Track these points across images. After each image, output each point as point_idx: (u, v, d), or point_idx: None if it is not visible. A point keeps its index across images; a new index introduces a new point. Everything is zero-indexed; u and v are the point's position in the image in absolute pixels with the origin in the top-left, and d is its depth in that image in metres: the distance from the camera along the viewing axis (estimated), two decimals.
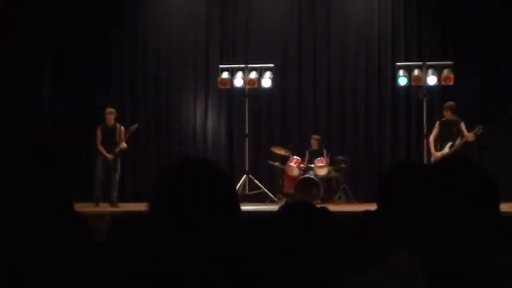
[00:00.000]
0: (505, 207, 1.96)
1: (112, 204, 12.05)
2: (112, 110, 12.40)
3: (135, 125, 12.35)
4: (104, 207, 11.75)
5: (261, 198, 13.14)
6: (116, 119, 12.41)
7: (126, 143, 12.27)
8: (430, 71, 12.90)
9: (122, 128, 12.35)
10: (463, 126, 11.90)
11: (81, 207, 10.89)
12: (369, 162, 13.85)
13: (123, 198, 12.76)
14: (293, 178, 12.98)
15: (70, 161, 13.65)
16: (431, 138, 12.20)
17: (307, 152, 13.36)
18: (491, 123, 12.66)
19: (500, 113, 13.21)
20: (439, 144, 12.08)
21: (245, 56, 14.14)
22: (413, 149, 13.62)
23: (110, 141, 12.22)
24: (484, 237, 1.78)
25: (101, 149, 12.21)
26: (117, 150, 12.17)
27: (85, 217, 1.91)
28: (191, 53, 14.49)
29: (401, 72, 13.05)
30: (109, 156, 12.13)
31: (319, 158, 13.08)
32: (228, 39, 14.56)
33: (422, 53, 13.80)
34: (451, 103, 12.06)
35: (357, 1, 14.30)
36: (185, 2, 14.68)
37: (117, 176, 12.27)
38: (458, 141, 11.86)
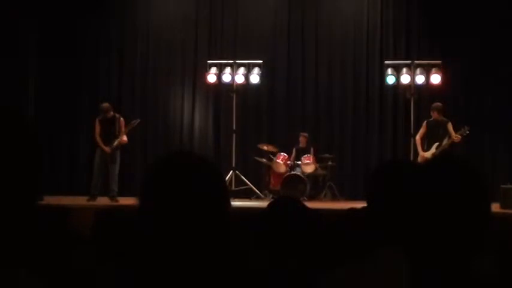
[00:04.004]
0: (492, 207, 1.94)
1: (112, 198, 11.61)
2: (106, 104, 11.94)
3: (136, 120, 12.03)
4: (100, 201, 11.42)
5: (247, 194, 13.14)
6: (114, 111, 12.02)
7: (126, 136, 11.91)
8: (418, 70, 12.93)
9: (122, 119, 11.95)
10: (450, 126, 11.91)
11: (69, 201, 10.86)
12: (355, 160, 13.88)
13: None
14: (280, 175, 12.99)
15: (56, 154, 13.67)
16: (418, 138, 12.20)
17: (294, 149, 13.36)
18: (478, 123, 12.70)
19: (487, 112, 13.26)
20: (426, 144, 12.08)
21: (233, 52, 14.11)
22: (400, 148, 13.65)
23: (109, 132, 11.76)
24: (473, 236, 1.78)
25: (99, 141, 11.77)
26: (115, 143, 11.73)
27: (66, 211, 1.88)
28: (179, 49, 14.46)
29: (389, 70, 13.06)
30: (106, 149, 11.69)
31: (306, 155, 13.08)
32: (217, 35, 14.52)
33: (410, 52, 13.83)
34: (437, 104, 12.04)
35: None
36: None
37: (116, 167, 11.79)
38: (445, 142, 11.88)
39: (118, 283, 1.70)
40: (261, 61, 13.54)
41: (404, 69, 12.96)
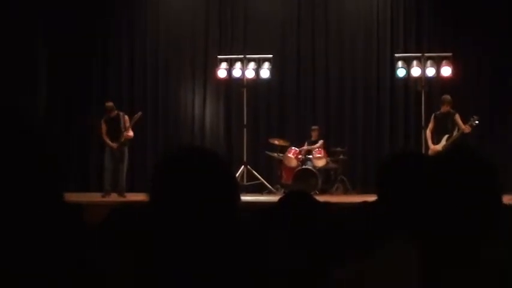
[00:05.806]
0: (505, 198, 1.94)
1: (120, 194, 11.93)
2: (110, 104, 12.30)
3: (139, 114, 12.34)
4: (112, 198, 11.64)
5: (259, 189, 13.14)
6: (117, 109, 12.36)
7: (132, 131, 12.22)
8: (428, 62, 12.88)
9: (126, 116, 12.28)
10: (458, 118, 11.86)
11: (80, 197, 10.90)
12: (367, 153, 13.85)
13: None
14: (291, 169, 12.99)
15: (68, 152, 13.72)
16: (428, 131, 12.16)
17: (306, 143, 13.35)
18: (489, 115, 12.63)
19: (498, 104, 13.20)
20: (436, 137, 12.04)
21: (244, 47, 14.10)
22: (411, 140, 13.62)
23: (115, 130, 12.13)
24: (484, 226, 1.77)
25: (106, 139, 12.16)
26: (122, 139, 12.08)
27: (80, 206, 1.89)
28: (189, 44, 14.45)
29: (400, 63, 13.02)
30: (114, 145, 12.06)
31: (317, 149, 13.07)
32: (227, 30, 14.52)
33: (421, 45, 13.77)
34: (446, 96, 12.02)
35: None
36: None
37: (125, 166, 12.17)
38: (455, 133, 11.84)
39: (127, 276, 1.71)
40: (271, 56, 13.52)
41: (415, 62, 12.92)
